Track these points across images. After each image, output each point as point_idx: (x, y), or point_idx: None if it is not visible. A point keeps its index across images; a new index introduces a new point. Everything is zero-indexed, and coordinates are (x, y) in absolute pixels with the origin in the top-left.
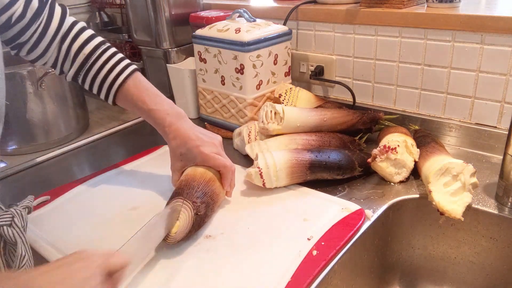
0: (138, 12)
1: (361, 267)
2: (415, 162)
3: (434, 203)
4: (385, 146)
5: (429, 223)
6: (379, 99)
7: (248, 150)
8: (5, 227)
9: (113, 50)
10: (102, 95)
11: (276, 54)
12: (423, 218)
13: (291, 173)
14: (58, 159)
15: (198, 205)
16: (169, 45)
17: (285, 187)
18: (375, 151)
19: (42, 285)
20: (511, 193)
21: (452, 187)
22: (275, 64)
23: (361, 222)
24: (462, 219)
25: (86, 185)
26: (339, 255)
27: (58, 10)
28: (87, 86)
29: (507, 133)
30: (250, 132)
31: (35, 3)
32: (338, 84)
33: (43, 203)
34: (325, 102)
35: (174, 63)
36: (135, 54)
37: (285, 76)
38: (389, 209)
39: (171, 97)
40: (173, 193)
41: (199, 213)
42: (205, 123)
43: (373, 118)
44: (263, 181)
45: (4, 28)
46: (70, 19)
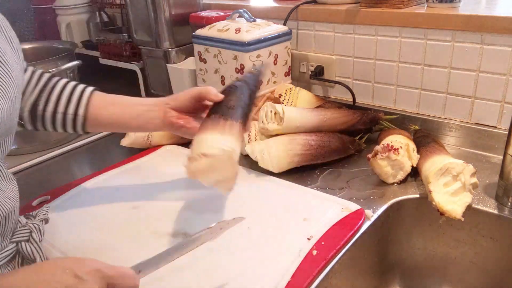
0: (138, 12)
1: (361, 267)
2: (412, 167)
3: (434, 203)
4: (388, 145)
5: (429, 223)
6: (379, 99)
7: (248, 150)
8: (23, 243)
9: (67, 79)
10: (69, 113)
11: (276, 54)
12: (423, 218)
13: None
14: (58, 159)
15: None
16: (169, 45)
17: (285, 186)
18: (377, 147)
19: None
20: (511, 193)
21: (452, 187)
22: (275, 64)
23: (361, 222)
24: (462, 219)
25: (86, 185)
26: (339, 255)
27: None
28: (48, 117)
29: (507, 133)
30: (250, 132)
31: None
32: (338, 84)
33: (43, 203)
34: (325, 102)
35: (174, 63)
36: (135, 54)
37: (285, 76)
38: (389, 209)
39: None
40: None
41: None
42: None
43: (373, 118)
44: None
45: None
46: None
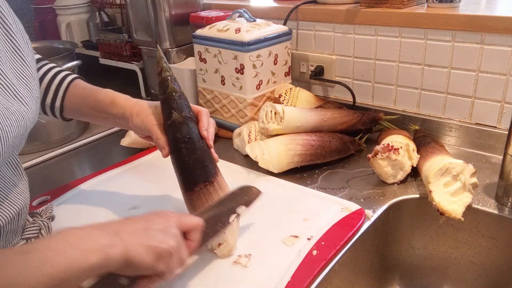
0: (138, 12)
1: (361, 267)
2: (412, 167)
3: (434, 203)
4: (388, 145)
5: (429, 223)
6: (379, 99)
7: (248, 150)
8: (33, 240)
9: (51, 64)
10: (47, 103)
11: (276, 54)
12: (423, 218)
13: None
14: (58, 159)
15: None
16: (169, 45)
17: (285, 186)
18: (377, 147)
19: (128, 232)
20: (511, 193)
21: (452, 187)
22: (275, 64)
23: (361, 222)
24: (462, 219)
25: (86, 185)
26: (339, 255)
27: None
28: None
29: (507, 133)
30: (250, 132)
31: None
32: (338, 84)
33: (43, 203)
34: (325, 102)
35: (174, 63)
36: (135, 54)
37: (285, 76)
38: (389, 209)
39: None
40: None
41: None
42: None
43: (373, 118)
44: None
45: None
46: None
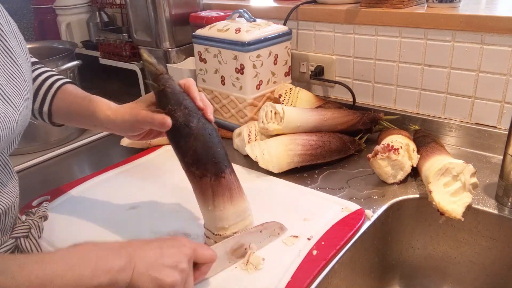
0: (138, 12)
1: (361, 267)
2: (412, 167)
3: (434, 203)
4: (388, 145)
5: (429, 223)
6: (379, 99)
7: (248, 150)
8: (22, 239)
9: (47, 68)
10: (35, 108)
11: (276, 54)
12: (423, 218)
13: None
14: (58, 159)
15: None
16: (169, 45)
17: (285, 186)
18: (377, 147)
19: (140, 259)
20: (511, 193)
21: (452, 187)
22: (275, 64)
23: (361, 222)
24: (462, 219)
25: (86, 185)
26: (339, 255)
27: None
28: None
29: (507, 133)
30: (250, 132)
31: None
32: (338, 84)
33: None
34: (325, 102)
35: (174, 63)
36: (135, 54)
37: (285, 76)
38: (389, 209)
39: None
40: None
41: None
42: None
43: (373, 119)
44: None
45: None
46: None
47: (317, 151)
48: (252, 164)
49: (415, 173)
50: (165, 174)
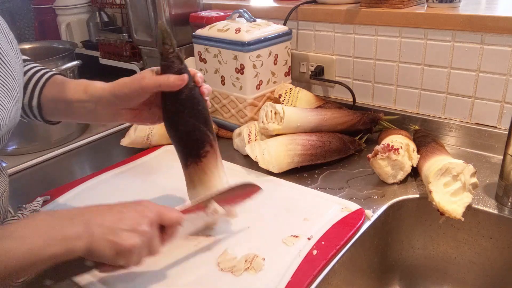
0: (138, 12)
1: (361, 267)
2: (412, 167)
3: (434, 203)
4: (388, 145)
5: (429, 223)
6: (379, 99)
7: (248, 150)
8: None
9: (33, 63)
10: (25, 99)
11: (276, 54)
12: (423, 218)
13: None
14: (58, 159)
15: None
16: None
17: (285, 186)
18: (378, 147)
19: (97, 224)
20: (511, 193)
21: (452, 187)
22: (275, 64)
23: (361, 221)
24: (462, 219)
25: (86, 185)
26: (339, 255)
27: None
28: None
29: (507, 133)
30: (250, 132)
31: None
32: (338, 84)
33: (43, 203)
34: (325, 103)
35: None
36: (135, 54)
37: (285, 76)
38: (389, 209)
39: None
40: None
41: None
42: None
43: (373, 119)
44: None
45: None
46: None
47: (317, 151)
48: (252, 164)
49: (415, 173)
50: (165, 174)
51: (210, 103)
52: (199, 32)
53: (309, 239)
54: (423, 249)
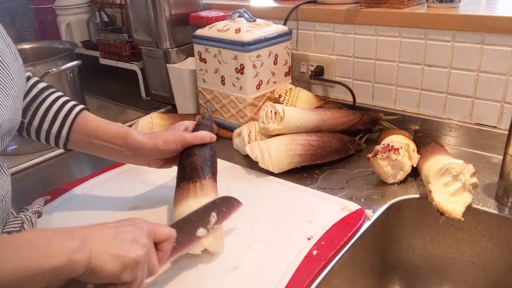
0: (138, 12)
1: (361, 267)
2: (412, 167)
3: (434, 203)
4: (388, 145)
5: (429, 223)
6: (379, 99)
7: (248, 150)
8: (14, 234)
9: (60, 92)
10: (53, 132)
11: (276, 54)
12: (423, 218)
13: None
14: (58, 159)
15: None
16: (169, 45)
17: (285, 186)
18: (378, 147)
19: (95, 239)
20: (511, 193)
21: (452, 187)
22: (275, 64)
23: (361, 222)
24: (462, 219)
25: (86, 185)
26: (339, 255)
27: None
28: (35, 126)
29: (507, 133)
30: (250, 132)
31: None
32: (338, 84)
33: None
34: (325, 103)
35: (174, 63)
36: (135, 54)
37: (285, 76)
38: (389, 209)
39: (171, 97)
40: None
41: None
42: None
43: (373, 119)
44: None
45: None
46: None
47: (317, 151)
48: (252, 164)
49: (415, 173)
50: (166, 174)
51: (211, 103)
52: (199, 32)
53: (309, 239)
54: (423, 249)
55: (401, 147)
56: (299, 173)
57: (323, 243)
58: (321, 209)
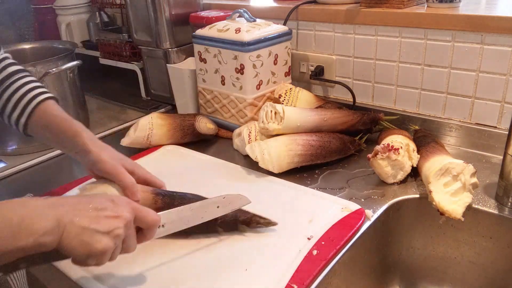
0: (138, 12)
1: (361, 267)
2: (413, 167)
3: (434, 203)
4: (388, 145)
5: (429, 223)
6: (379, 99)
7: (249, 150)
8: None
9: (33, 77)
10: (15, 114)
11: (276, 54)
12: (423, 218)
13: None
14: (58, 159)
15: None
16: (169, 45)
17: (285, 186)
18: (378, 147)
19: (72, 222)
20: (511, 193)
21: (452, 187)
22: (275, 64)
23: (361, 222)
24: (462, 219)
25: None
26: (339, 255)
27: None
28: None
29: (507, 133)
30: (250, 132)
31: None
32: (338, 84)
33: None
34: (325, 102)
35: (174, 63)
36: (135, 54)
37: (285, 76)
38: (389, 209)
39: (171, 97)
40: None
41: None
42: None
43: (373, 119)
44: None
45: None
46: None
47: (317, 151)
48: (252, 164)
49: (415, 173)
50: (165, 174)
51: (211, 103)
52: (199, 32)
53: (309, 239)
54: (423, 249)
55: (401, 147)
56: (299, 173)
57: (323, 243)
58: (321, 209)
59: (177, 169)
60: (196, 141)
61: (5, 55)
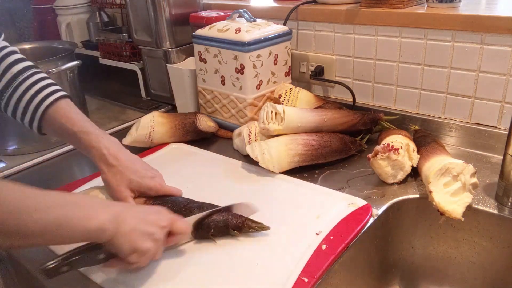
0: (138, 12)
1: (361, 267)
2: (413, 167)
3: (434, 203)
4: (388, 145)
5: (429, 223)
6: (379, 99)
7: (249, 150)
8: None
9: (43, 74)
10: (26, 119)
11: (276, 54)
12: (423, 218)
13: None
14: (58, 159)
15: None
16: (169, 45)
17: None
18: (378, 147)
19: (124, 221)
20: (511, 193)
21: (452, 187)
22: (275, 64)
23: (368, 217)
24: (462, 219)
25: (87, 186)
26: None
27: None
28: (10, 110)
29: (507, 133)
30: (250, 132)
31: None
32: (338, 84)
33: None
34: (325, 103)
35: (174, 63)
36: (135, 54)
37: (285, 76)
38: (389, 209)
39: (171, 97)
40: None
41: None
42: None
43: (373, 119)
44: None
45: None
46: (1, 42)
47: (317, 150)
48: (253, 164)
49: (415, 173)
50: (167, 173)
51: (211, 103)
52: (199, 32)
53: (317, 234)
54: (423, 249)
55: (401, 147)
56: (299, 173)
57: (331, 238)
58: (327, 205)
59: (179, 169)
60: (197, 140)
61: (12, 48)
